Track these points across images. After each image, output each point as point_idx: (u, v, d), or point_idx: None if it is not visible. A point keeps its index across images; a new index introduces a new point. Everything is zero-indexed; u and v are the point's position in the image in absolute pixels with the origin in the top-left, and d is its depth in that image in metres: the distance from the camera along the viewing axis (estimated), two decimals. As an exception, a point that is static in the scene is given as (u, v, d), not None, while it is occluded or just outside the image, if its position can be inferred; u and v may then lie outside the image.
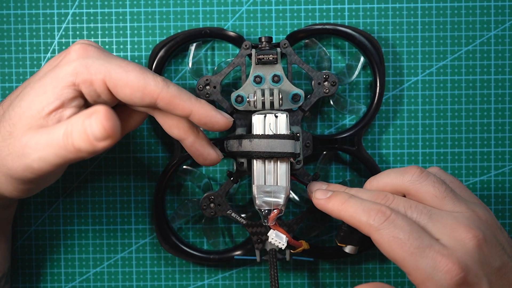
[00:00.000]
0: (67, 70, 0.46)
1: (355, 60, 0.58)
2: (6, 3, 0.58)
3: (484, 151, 0.59)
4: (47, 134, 0.45)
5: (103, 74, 0.46)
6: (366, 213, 0.47)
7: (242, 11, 0.58)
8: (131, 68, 0.47)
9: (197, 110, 0.48)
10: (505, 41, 0.58)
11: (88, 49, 0.48)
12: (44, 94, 0.46)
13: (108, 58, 0.47)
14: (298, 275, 0.60)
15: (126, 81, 0.46)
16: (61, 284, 0.60)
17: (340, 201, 0.49)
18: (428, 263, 0.45)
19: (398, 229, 0.46)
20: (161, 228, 0.58)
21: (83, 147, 0.43)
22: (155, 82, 0.47)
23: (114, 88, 0.46)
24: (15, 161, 0.46)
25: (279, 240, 0.53)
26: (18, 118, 0.46)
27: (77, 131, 0.43)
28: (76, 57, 0.47)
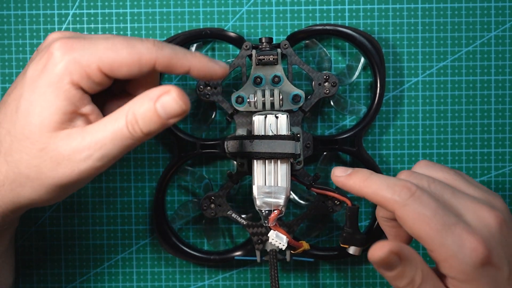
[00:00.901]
0: (60, 73, 0.45)
1: (356, 61, 0.58)
2: (6, 4, 0.58)
3: (484, 152, 0.59)
4: (107, 131, 0.44)
5: (96, 63, 0.45)
6: (390, 188, 0.46)
7: (243, 12, 0.58)
8: (119, 45, 0.45)
9: (194, 65, 0.46)
10: (506, 42, 0.58)
11: (70, 42, 0.45)
12: (52, 105, 0.45)
13: (93, 44, 0.45)
14: (299, 275, 0.60)
15: (120, 60, 0.45)
16: (61, 285, 0.60)
17: (362, 178, 0.48)
18: (454, 241, 0.44)
19: (424, 206, 0.45)
20: (162, 228, 0.58)
21: (154, 129, 0.44)
22: (148, 49, 0.45)
23: (110, 71, 0.45)
24: (70, 168, 0.45)
25: (279, 240, 0.53)
26: (39, 135, 0.45)
27: (145, 117, 0.44)
28: (61, 55, 0.45)
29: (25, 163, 0.46)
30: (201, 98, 0.56)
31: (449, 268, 0.45)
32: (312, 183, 0.55)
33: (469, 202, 0.47)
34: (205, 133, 0.59)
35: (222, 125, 0.59)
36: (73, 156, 0.45)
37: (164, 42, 0.46)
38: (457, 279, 0.45)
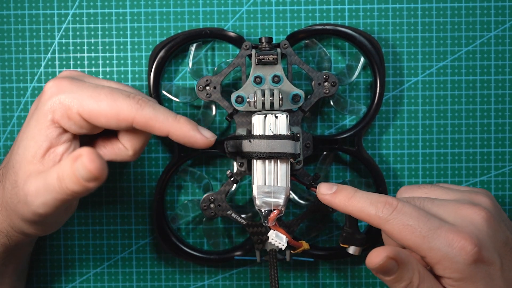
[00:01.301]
0: (44, 110, 0.48)
1: (355, 61, 0.58)
2: (6, 4, 0.58)
3: (484, 152, 0.59)
4: (44, 180, 0.46)
5: (76, 108, 0.48)
6: (374, 206, 0.48)
7: (242, 12, 0.58)
8: (103, 96, 0.48)
9: (174, 131, 0.48)
10: (505, 42, 0.58)
11: (61, 84, 0.48)
12: (33, 138, 0.48)
13: (80, 89, 0.48)
14: (298, 275, 0.60)
15: (99, 111, 0.47)
16: (61, 285, 0.60)
17: (347, 196, 0.49)
18: (442, 242, 0.46)
19: (407, 216, 0.47)
20: (161, 228, 0.58)
21: (77, 189, 0.44)
22: (128, 107, 0.47)
23: (89, 118, 0.48)
24: (24, 209, 0.48)
25: (279, 240, 0.53)
26: (19, 166, 0.48)
27: (67, 175, 0.44)
28: (49, 95, 0.48)
29: (8, 193, 0.49)
30: (201, 97, 0.56)
31: (443, 269, 0.46)
32: (312, 183, 0.55)
33: (449, 205, 0.48)
34: (205, 133, 0.59)
35: (221, 125, 0.59)
36: (25, 198, 0.47)
37: (151, 102, 0.48)
38: (453, 279, 0.46)
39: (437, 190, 0.51)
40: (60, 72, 0.51)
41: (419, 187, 0.52)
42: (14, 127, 0.59)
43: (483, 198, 0.50)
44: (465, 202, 0.48)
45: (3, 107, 0.59)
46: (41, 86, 0.59)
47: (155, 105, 0.48)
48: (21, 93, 0.59)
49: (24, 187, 0.47)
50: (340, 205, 0.50)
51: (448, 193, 0.51)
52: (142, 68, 0.59)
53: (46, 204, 0.47)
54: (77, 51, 0.59)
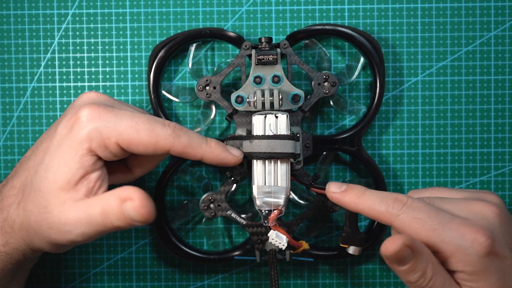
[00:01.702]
0: (81, 138, 0.48)
1: (355, 61, 0.58)
2: (6, 4, 0.58)
3: (484, 152, 0.59)
4: (85, 213, 0.47)
5: (115, 138, 0.48)
6: (384, 202, 0.48)
7: (242, 12, 0.58)
8: (141, 126, 0.48)
9: (207, 155, 0.50)
10: (505, 42, 0.58)
11: (98, 112, 0.48)
12: (67, 164, 0.48)
13: (119, 118, 0.48)
14: (298, 275, 0.60)
15: (138, 141, 0.48)
16: (61, 285, 0.60)
17: (357, 194, 0.50)
18: (454, 235, 0.46)
19: (417, 211, 0.47)
20: (161, 228, 0.58)
21: (122, 225, 0.47)
22: (166, 136, 0.48)
23: (127, 147, 0.48)
24: (59, 236, 0.48)
25: (279, 240, 0.53)
26: (48, 191, 0.48)
27: (114, 213, 0.47)
28: (87, 122, 0.48)
29: (33, 216, 0.49)
30: (200, 97, 0.56)
31: (456, 262, 0.46)
32: (312, 183, 0.55)
33: (460, 202, 0.48)
34: (205, 133, 0.59)
35: (221, 125, 0.59)
36: (61, 226, 0.48)
37: (185, 130, 0.50)
38: (466, 272, 0.46)
39: (445, 191, 0.51)
40: (86, 92, 0.51)
41: (427, 189, 0.52)
42: (14, 127, 0.59)
43: (492, 196, 0.50)
44: (476, 199, 0.49)
45: (3, 107, 0.59)
46: (41, 86, 0.59)
47: (188, 132, 0.50)
48: (21, 93, 0.59)
49: (61, 215, 0.48)
50: (350, 203, 0.50)
51: (457, 192, 0.51)
52: (142, 68, 0.59)
53: (86, 235, 0.48)
54: (77, 51, 0.59)
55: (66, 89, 0.59)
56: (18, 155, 0.59)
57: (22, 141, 0.59)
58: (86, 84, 0.59)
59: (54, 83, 0.59)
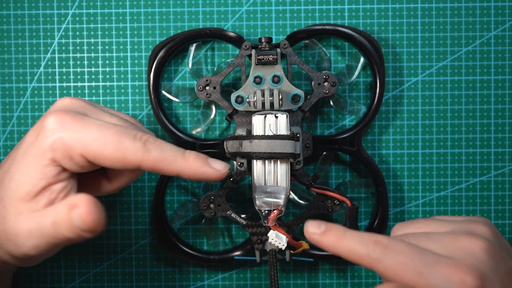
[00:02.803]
0: (45, 147, 0.45)
1: (355, 61, 0.58)
2: (6, 4, 0.58)
3: (484, 152, 0.59)
4: (37, 223, 0.44)
5: (80, 149, 0.45)
6: (364, 245, 0.44)
7: (242, 12, 0.58)
8: (108, 138, 0.45)
9: (184, 170, 0.46)
10: (505, 42, 0.58)
11: (64, 120, 0.45)
12: (28, 174, 0.45)
13: (85, 128, 0.45)
14: (298, 275, 0.60)
15: (104, 154, 0.45)
16: (61, 285, 0.60)
17: (336, 236, 0.45)
18: (440, 278, 0.42)
19: (400, 254, 0.43)
20: (161, 228, 0.58)
21: (72, 237, 0.44)
22: (134, 150, 0.45)
23: (93, 160, 0.45)
24: (13, 248, 0.46)
25: (279, 240, 0.53)
26: (9, 201, 0.46)
27: (63, 222, 0.43)
28: (51, 131, 0.45)
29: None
30: (200, 97, 0.56)
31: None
32: (312, 183, 0.55)
33: (446, 238, 0.45)
34: (205, 133, 0.59)
35: (221, 125, 0.59)
36: (15, 238, 0.45)
37: (159, 143, 0.46)
38: None
39: (431, 224, 0.48)
40: (61, 98, 0.48)
41: (412, 223, 0.49)
42: (14, 127, 0.59)
43: (481, 227, 0.47)
44: (463, 233, 0.45)
45: (3, 107, 0.59)
46: (41, 86, 0.59)
47: (162, 145, 0.46)
48: (21, 93, 0.59)
49: (16, 226, 0.45)
50: (329, 246, 0.45)
51: (444, 225, 0.48)
52: (142, 68, 0.59)
53: (38, 247, 0.45)
54: (77, 51, 0.59)
55: (66, 89, 0.59)
56: (18, 155, 0.59)
57: (22, 141, 0.59)
58: (86, 84, 0.59)
59: (54, 83, 0.59)
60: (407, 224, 0.49)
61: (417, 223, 0.49)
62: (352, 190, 0.59)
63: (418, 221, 0.49)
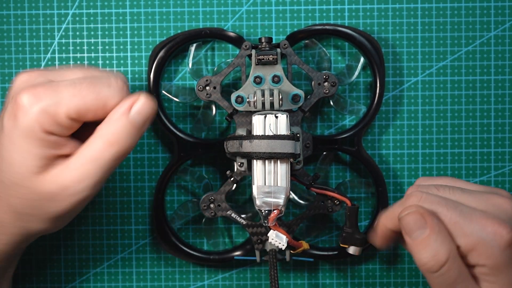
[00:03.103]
0: (31, 124, 0.46)
1: (355, 61, 0.58)
2: (6, 4, 0.58)
3: (484, 152, 0.59)
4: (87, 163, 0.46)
5: (63, 112, 0.46)
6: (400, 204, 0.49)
7: (242, 12, 0.58)
8: (85, 91, 0.46)
9: None
10: (505, 42, 0.58)
11: (36, 92, 0.46)
12: (30, 153, 0.46)
13: (59, 91, 0.46)
14: (298, 275, 0.60)
15: (86, 107, 0.46)
16: (61, 285, 0.60)
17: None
18: (475, 228, 0.45)
19: (435, 204, 0.46)
20: (161, 228, 0.58)
21: (133, 141, 0.47)
22: (114, 94, 0.47)
23: (78, 117, 0.46)
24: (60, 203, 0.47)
25: (279, 240, 0.53)
26: (26, 181, 0.47)
27: (122, 133, 0.46)
28: (29, 107, 0.45)
29: (20, 205, 0.48)
30: (200, 97, 0.56)
31: (477, 256, 0.45)
32: (312, 183, 0.55)
33: (478, 195, 0.47)
34: (205, 133, 0.59)
35: (221, 125, 0.59)
36: (62, 192, 0.47)
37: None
38: (487, 266, 0.45)
39: (458, 181, 0.51)
40: (16, 76, 0.49)
41: (440, 177, 0.51)
42: (14, 127, 0.59)
43: (506, 192, 0.49)
44: (492, 192, 0.48)
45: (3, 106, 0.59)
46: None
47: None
48: (21, 93, 0.59)
49: (50, 187, 0.46)
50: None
51: (471, 185, 0.50)
52: (142, 68, 0.59)
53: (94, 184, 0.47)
54: (77, 51, 0.59)
55: (66, 89, 0.59)
56: (18, 155, 0.59)
57: (22, 141, 0.59)
58: (86, 84, 0.59)
59: (54, 83, 0.59)
60: (433, 178, 0.51)
61: (444, 178, 0.51)
62: (352, 190, 0.59)
63: (444, 177, 0.51)
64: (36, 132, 0.46)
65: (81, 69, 0.49)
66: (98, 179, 0.47)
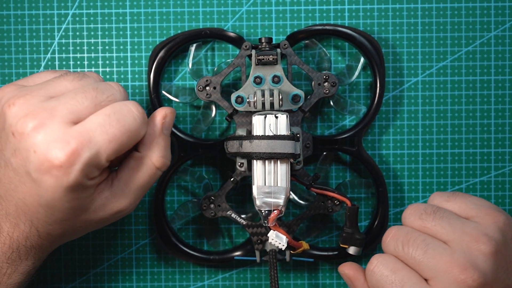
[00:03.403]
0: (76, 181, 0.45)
1: (355, 61, 0.58)
2: (6, 4, 0.58)
3: (484, 152, 0.59)
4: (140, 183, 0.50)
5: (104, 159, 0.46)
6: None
7: (242, 12, 0.58)
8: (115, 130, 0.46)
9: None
10: (505, 42, 0.58)
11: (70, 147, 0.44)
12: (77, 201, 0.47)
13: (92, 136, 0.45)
14: (298, 275, 0.60)
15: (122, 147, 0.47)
16: (61, 285, 0.60)
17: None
18: (439, 270, 0.43)
19: (401, 245, 0.47)
20: (161, 228, 0.58)
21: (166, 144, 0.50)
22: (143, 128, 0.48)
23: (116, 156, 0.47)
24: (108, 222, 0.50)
25: (279, 240, 0.53)
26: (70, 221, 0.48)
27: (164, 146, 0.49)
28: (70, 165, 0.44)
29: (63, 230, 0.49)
30: (200, 98, 0.56)
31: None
32: (312, 183, 0.55)
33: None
34: (205, 133, 0.59)
35: (221, 125, 0.59)
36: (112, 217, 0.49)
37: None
38: None
39: (469, 198, 0.49)
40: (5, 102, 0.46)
41: (452, 195, 0.50)
42: (14, 127, 0.59)
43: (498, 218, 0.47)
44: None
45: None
46: (41, 86, 0.59)
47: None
48: (21, 93, 0.59)
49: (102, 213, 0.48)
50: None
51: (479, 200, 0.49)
52: (142, 68, 0.59)
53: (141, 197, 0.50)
54: (77, 51, 0.59)
55: (66, 89, 0.59)
56: (18, 155, 0.59)
57: (22, 141, 0.59)
58: (86, 84, 0.59)
59: (54, 83, 0.59)
60: (446, 194, 0.50)
61: (456, 196, 0.50)
62: (352, 190, 0.59)
63: (457, 194, 0.50)
64: (83, 184, 0.45)
65: (72, 78, 0.48)
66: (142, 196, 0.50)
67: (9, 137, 0.45)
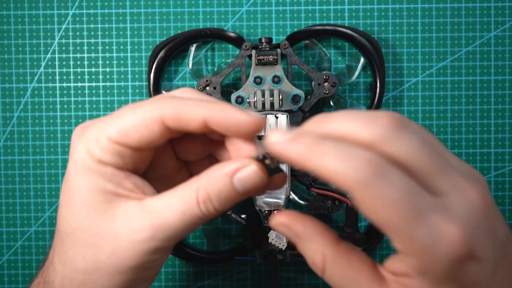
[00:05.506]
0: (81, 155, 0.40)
1: (355, 61, 0.58)
2: (6, 4, 0.58)
3: (484, 152, 0.59)
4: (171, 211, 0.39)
5: (104, 134, 0.40)
6: (347, 161, 0.33)
7: (242, 12, 0.59)
8: (124, 111, 0.40)
9: (210, 115, 0.39)
10: (505, 42, 0.58)
11: (83, 125, 0.41)
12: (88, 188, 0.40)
13: (103, 119, 0.41)
14: (298, 275, 0.60)
15: (126, 125, 0.39)
16: (61, 285, 0.60)
17: (309, 144, 0.35)
18: (429, 232, 0.33)
19: (390, 186, 0.33)
20: (161, 228, 0.58)
21: (229, 205, 0.39)
22: (151, 106, 0.40)
23: (121, 138, 0.40)
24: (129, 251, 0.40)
25: (279, 240, 0.53)
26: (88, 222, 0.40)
27: (220, 194, 0.38)
28: (76, 140, 0.41)
29: (80, 256, 0.41)
30: (200, 98, 0.56)
31: (418, 265, 0.34)
32: (312, 183, 0.55)
33: (457, 176, 0.35)
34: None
35: (222, 125, 0.59)
36: (133, 237, 0.39)
37: (178, 96, 0.41)
38: (428, 278, 0.34)
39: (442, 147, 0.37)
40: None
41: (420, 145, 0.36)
42: (14, 127, 0.59)
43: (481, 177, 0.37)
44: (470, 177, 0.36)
45: (3, 107, 0.59)
46: (41, 86, 0.59)
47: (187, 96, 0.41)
48: (21, 93, 0.59)
49: (119, 228, 0.40)
50: (299, 157, 0.35)
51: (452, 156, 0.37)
52: (142, 68, 0.59)
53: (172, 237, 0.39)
54: (77, 51, 0.59)
55: (66, 89, 0.59)
56: (18, 155, 0.59)
57: (22, 141, 0.59)
58: (86, 84, 0.59)
59: (54, 83, 0.59)
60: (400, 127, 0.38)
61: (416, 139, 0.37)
62: (352, 190, 0.59)
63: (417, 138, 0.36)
64: (89, 163, 0.40)
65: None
66: (177, 235, 0.39)
67: None
